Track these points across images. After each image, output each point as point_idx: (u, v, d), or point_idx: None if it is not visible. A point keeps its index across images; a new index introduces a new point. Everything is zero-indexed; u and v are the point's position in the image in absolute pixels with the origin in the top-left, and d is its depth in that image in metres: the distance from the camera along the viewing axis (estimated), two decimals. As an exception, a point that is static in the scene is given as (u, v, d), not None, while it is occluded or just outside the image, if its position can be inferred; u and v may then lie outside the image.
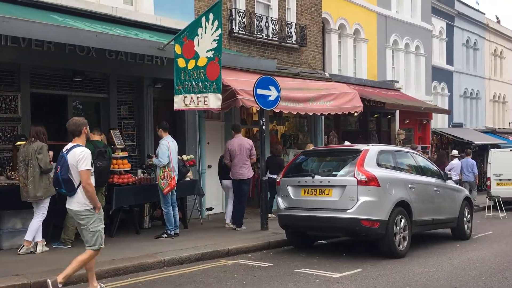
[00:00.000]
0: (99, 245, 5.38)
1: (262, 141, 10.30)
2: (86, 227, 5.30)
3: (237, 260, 7.54)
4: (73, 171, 5.17)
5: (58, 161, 5.29)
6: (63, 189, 5.24)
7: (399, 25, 20.57)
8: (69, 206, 5.33)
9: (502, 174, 16.31)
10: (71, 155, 5.17)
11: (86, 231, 5.31)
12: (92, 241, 5.32)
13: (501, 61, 32.86)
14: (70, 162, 5.16)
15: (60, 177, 5.15)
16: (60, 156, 5.29)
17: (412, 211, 8.14)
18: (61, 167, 5.15)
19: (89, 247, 5.34)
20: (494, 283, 6.10)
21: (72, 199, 5.26)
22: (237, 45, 12.86)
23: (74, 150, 5.19)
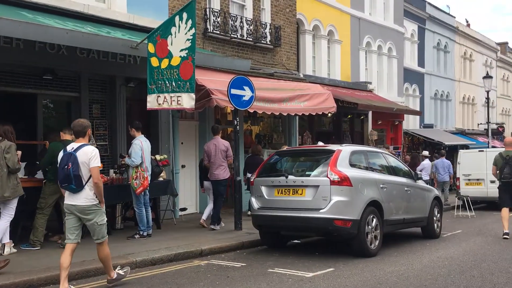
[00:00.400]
0: (105, 236, 5.76)
1: (236, 141, 10.30)
2: (94, 221, 5.60)
3: (211, 261, 7.52)
4: (82, 168, 5.45)
5: (66, 159, 5.49)
6: (73, 185, 5.45)
7: (372, 27, 20.86)
8: (74, 202, 5.52)
9: (471, 174, 16.71)
10: (82, 153, 5.47)
11: (94, 225, 5.61)
12: (101, 233, 5.68)
13: (470, 63, 33.68)
14: (81, 160, 5.45)
15: (72, 173, 5.39)
16: (67, 154, 5.53)
17: (384, 211, 8.26)
18: (72, 164, 5.40)
19: (98, 240, 5.69)
20: (462, 281, 6.24)
21: (78, 195, 5.49)
22: (212, 44, 12.83)
23: (84, 149, 5.51)
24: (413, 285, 6.01)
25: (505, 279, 6.33)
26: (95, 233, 5.68)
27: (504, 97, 40.82)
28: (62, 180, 5.52)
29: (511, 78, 42.66)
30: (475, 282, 6.15)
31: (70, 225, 5.64)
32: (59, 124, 9.50)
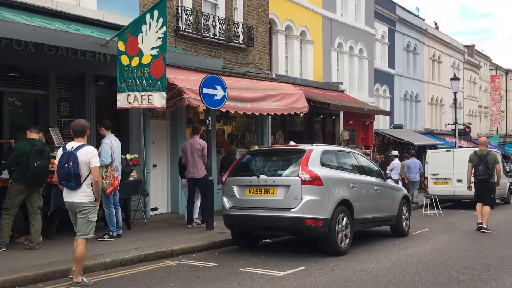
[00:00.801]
0: (92, 234, 5.94)
1: (208, 141, 10.26)
2: (86, 216, 5.82)
3: (181, 261, 7.47)
4: (82, 167, 5.72)
5: (66, 158, 5.72)
6: (73, 182, 5.71)
7: (343, 28, 21.10)
8: (72, 199, 5.82)
9: (439, 174, 17.11)
10: (83, 153, 5.73)
11: (84, 220, 5.82)
12: (87, 230, 5.85)
13: (439, 65, 34.46)
14: (82, 159, 5.71)
15: (72, 172, 5.65)
16: (67, 153, 5.76)
17: (354, 210, 8.37)
18: (73, 163, 5.66)
19: (82, 236, 5.82)
20: (429, 278, 6.37)
21: (76, 192, 5.77)
22: (184, 43, 12.74)
23: (85, 149, 5.78)
24: (382, 282, 6.11)
25: (470, 276, 6.50)
26: (82, 228, 5.83)
27: (471, 98, 41.93)
28: (62, 177, 5.74)
29: (477, 80, 43.86)
30: (441, 279, 6.29)
31: (72, 221, 6.01)
32: (26, 123, 9.25)
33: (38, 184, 7.69)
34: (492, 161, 10.65)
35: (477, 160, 10.74)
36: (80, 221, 5.83)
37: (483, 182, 10.66)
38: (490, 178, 10.64)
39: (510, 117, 54.44)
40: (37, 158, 7.49)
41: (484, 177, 10.58)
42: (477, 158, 10.76)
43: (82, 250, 5.80)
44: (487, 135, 44.11)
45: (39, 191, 7.81)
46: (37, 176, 7.49)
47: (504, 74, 53.48)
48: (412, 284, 6.04)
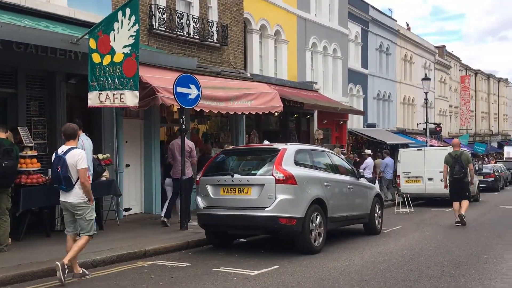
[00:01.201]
0: (93, 232, 6.31)
1: (182, 140, 10.18)
2: (83, 216, 6.16)
3: (155, 261, 7.40)
4: (71, 169, 6.01)
5: (56, 162, 6.05)
6: (63, 185, 6.04)
7: (317, 28, 21.26)
8: (66, 199, 6.13)
9: (410, 172, 17.41)
10: (70, 156, 6.02)
11: (83, 220, 6.17)
12: (88, 227, 6.21)
13: (411, 66, 35.08)
14: (70, 162, 6.00)
15: (61, 175, 5.98)
16: (58, 157, 6.08)
17: (328, 208, 8.44)
18: (62, 167, 5.97)
19: (85, 233, 6.18)
20: (400, 275, 6.48)
21: (69, 193, 6.08)
22: (157, 42, 12.62)
23: (72, 152, 6.05)
24: (354, 280, 6.18)
25: (440, 272, 6.63)
26: (83, 227, 6.21)
27: (442, 98, 42.83)
28: (53, 180, 6.18)
29: (448, 80, 44.82)
30: (412, 276, 6.40)
31: (67, 219, 6.31)
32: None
33: (6, 185, 7.51)
34: (466, 161, 11.42)
35: (451, 161, 11.47)
36: (80, 221, 6.21)
37: (458, 181, 11.40)
38: (464, 177, 11.41)
39: (479, 116, 55.85)
40: (4, 158, 7.32)
41: (459, 176, 11.35)
42: (452, 159, 11.48)
43: (82, 244, 6.19)
44: (457, 134, 45.16)
45: (8, 192, 7.62)
46: (5, 176, 7.32)
47: (474, 74, 54.81)
48: (384, 281, 6.13)
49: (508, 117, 67.16)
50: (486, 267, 6.99)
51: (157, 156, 12.46)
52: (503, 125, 64.58)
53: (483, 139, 53.51)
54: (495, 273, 6.59)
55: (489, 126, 59.09)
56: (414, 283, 6.00)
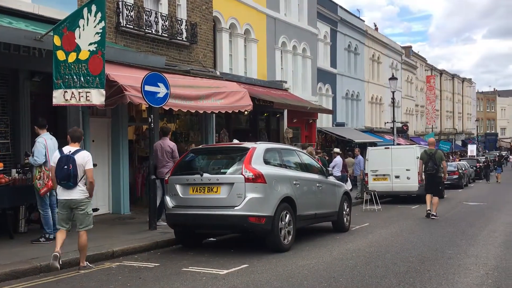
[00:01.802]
0: (91, 225, 6.88)
1: (151, 139, 10.07)
2: (85, 211, 6.74)
3: (122, 262, 7.29)
4: (79, 169, 6.60)
5: (65, 160, 6.57)
6: (71, 182, 6.57)
7: (287, 28, 21.37)
8: (70, 197, 6.64)
9: (378, 170, 17.70)
10: (80, 157, 6.64)
11: (84, 215, 6.73)
12: (88, 222, 6.79)
13: (378, 65, 35.69)
14: (79, 162, 6.61)
15: (72, 173, 6.54)
16: (65, 156, 6.61)
17: (297, 207, 8.49)
18: (73, 166, 6.56)
19: (84, 228, 6.72)
20: (367, 271, 6.58)
21: (73, 190, 6.62)
22: (125, 39, 12.43)
23: (81, 153, 6.71)
24: (323, 277, 6.24)
25: (406, 268, 6.77)
26: (83, 222, 6.73)
27: (408, 97, 43.75)
28: (62, 178, 6.59)
29: (414, 80, 45.81)
30: (379, 272, 6.52)
31: (64, 216, 6.78)
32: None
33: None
34: (439, 159, 12.44)
35: (426, 158, 12.50)
36: (80, 215, 6.71)
37: (432, 176, 12.46)
38: (437, 173, 12.41)
39: (444, 115, 57.31)
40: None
41: (432, 172, 12.39)
42: (427, 156, 12.52)
43: (84, 240, 6.68)
44: (423, 133, 46.24)
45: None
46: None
47: (439, 74, 56.22)
48: (352, 277, 6.21)
49: (472, 116, 69.19)
50: (450, 262, 7.17)
51: (125, 155, 12.29)
52: (467, 124, 66.51)
53: (448, 137, 54.95)
54: (458, 268, 6.78)
55: (453, 125, 60.75)
56: (381, 279, 6.10)
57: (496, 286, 5.79)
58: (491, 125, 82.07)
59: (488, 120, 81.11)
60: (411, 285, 5.81)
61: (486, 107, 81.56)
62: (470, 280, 6.09)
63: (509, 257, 7.53)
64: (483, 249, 8.23)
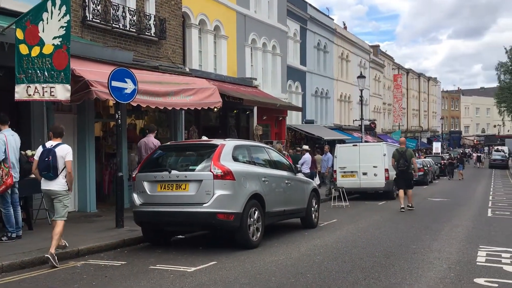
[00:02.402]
0: (65, 217, 7.16)
1: (118, 136, 9.92)
2: (62, 203, 7.09)
3: (88, 261, 7.16)
4: (59, 161, 6.99)
5: (47, 153, 6.96)
6: (51, 173, 6.96)
7: (257, 25, 21.38)
8: (49, 187, 7.05)
9: (346, 167, 17.95)
10: (60, 150, 7.04)
11: (61, 205, 7.08)
12: (64, 213, 7.11)
13: (347, 64, 36.13)
14: (59, 154, 6.99)
15: (52, 164, 6.93)
16: (47, 149, 7.02)
17: (265, 203, 8.51)
18: (53, 157, 6.95)
19: (61, 218, 7.05)
20: (334, 266, 6.67)
21: (53, 182, 7.01)
22: (91, 34, 12.18)
23: (62, 146, 7.10)
24: (290, 273, 6.29)
25: (372, 263, 6.89)
26: (59, 212, 7.08)
27: (376, 96, 44.49)
28: (43, 169, 6.99)
29: (382, 78, 46.60)
30: (345, 267, 6.61)
31: (49, 205, 7.30)
32: None
33: None
34: (409, 156, 13.70)
35: (398, 156, 13.70)
36: (58, 206, 7.06)
37: (403, 172, 13.67)
38: (408, 169, 13.67)
39: (411, 114, 58.56)
40: None
41: (404, 169, 13.62)
42: (398, 154, 13.73)
43: (61, 228, 6.98)
44: (390, 130, 47.11)
45: None
46: None
47: (405, 73, 57.36)
48: (319, 273, 6.28)
49: (437, 115, 70.93)
50: (414, 256, 7.34)
51: (91, 152, 12.05)
52: (432, 122, 68.16)
53: (414, 135, 56.21)
54: (422, 262, 6.94)
55: (419, 123, 62.15)
56: (347, 274, 6.19)
57: (458, 280, 5.96)
58: (455, 123, 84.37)
59: (452, 118, 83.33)
60: (376, 280, 5.92)
61: (451, 105, 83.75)
62: (433, 274, 6.25)
63: (470, 252, 7.76)
64: (446, 244, 8.46)
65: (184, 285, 5.74)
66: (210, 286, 5.65)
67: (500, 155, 49.01)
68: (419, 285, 5.71)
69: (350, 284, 5.71)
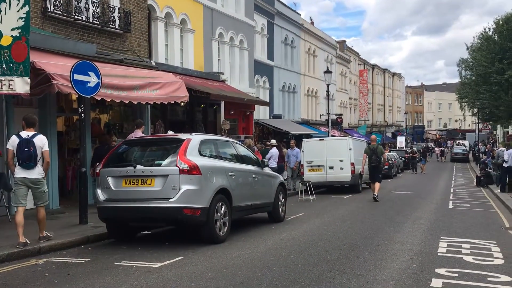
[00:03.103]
0: (47, 201, 7.78)
1: (82, 131, 9.70)
2: (42, 189, 7.51)
3: (50, 258, 6.98)
4: (38, 150, 7.29)
5: (27, 143, 7.22)
6: (32, 163, 7.28)
7: (224, 19, 21.26)
8: (29, 175, 7.34)
9: (313, 161, 18.14)
10: (38, 139, 7.34)
11: (41, 192, 7.52)
12: (45, 198, 7.62)
13: (314, 59, 36.42)
14: (37, 145, 7.30)
15: (33, 154, 7.26)
16: (25, 140, 7.25)
17: (232, 198, 8.50)
18: (33, 147, 7.24)
19: (42, 204, 7.54)
20: (300, 259, 6.72)
21: (33, 170, 7.34)
22: (53, 26, 11.84)
23: (39, 137, 7.41)
24: (257, 267, 6.30)
25: (337, 255, 6.99)
26: (41, 198, 7.52)
27: (342, 90, 45.06)
28: (25, 159, 7.25)
29: (348, 73, 47.21)
30: (311, 260, 6.68)
31: (22, 193, 7.43)
32: None
33: None
34: (380, 152, 15.00)
35: (370, 152, 14.97)
36: (37, 193, 7.47)
37: (374, 167, 14.98)
38: (379, 164, 15.03)
39: (376, 108, 59.63)
40: None
41: (375, 164, 14.91)
42: (370, 150, 15.01)
43: (43, 214, 7.53)
44: (356, 125, 47.85)
45: None
46: None
47: (371, 69, 58.32)
48: (285, 266, 6.32)
49: (401, 109, 72.48)
50: (378, 248, 7.49)
51: (53, 147, 11.70)
52: (397, 117, 69.62)
53: (379, 129, 57.30)
54: (386, 254, 7.09)
55: (384, 118, 63.38)
56: (313, 267, 6.25)
57: (420, 270, 6.11)
58: (419, 118, 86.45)
59: (416, 113, 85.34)
60: (341, 272, 6.01)
61: (414, 100, 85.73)
62: (397, 265, 6.38)
63: (432, 243, 7.98)
64: (409, 236, 8.66)
65: (149, 281, 5.67)
66: (175, 282, 5.61)
67: (461, 149, 50.55)
68: (383, 276, 5.82)
69: (315, 277, 5.77)
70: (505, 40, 33.14)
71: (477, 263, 6.51)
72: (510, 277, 5.82)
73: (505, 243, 8.07)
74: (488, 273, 5.96)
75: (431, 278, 5.72)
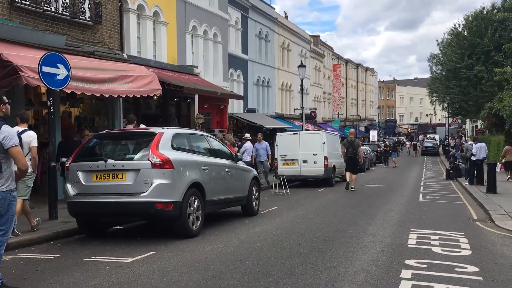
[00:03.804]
0: (28, 197, 8.03)
1: (51, 124, 9.47)
2: (26, 183, 7.71)
3: (18, 255, 6.82)
4: (25, 146, 7.30)
5: None
6: None
7: (198, 12, 21.07)
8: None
9: (287, 155, 18.22)
10: (26, 136, 7.52)
11: (25, 186, 7.75)
12: (26, 192, 7.86)
13: (288, 53, 36.49)
14: (25, 140, 7.37)
15: None
16: None
17: (206, 192, 8.46)
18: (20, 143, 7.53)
19: (21, 197, 7.58)
20: (273, 253, 6.75)
21: None
22: (20, 16, 11.51)
23: (27, 133, 7.61)
24: (230, 260, 6.30)
25: (309, 248, 7.04)
26: (21, 191, 7.58)
27: (316, 85, 45.33)
28: None
29: (322, 68, 47.51)
30: (284, 253, 6.71)
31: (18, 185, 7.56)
32: None
33: None
34: (357, 145, 16.29)
35: (348, 145, 16.26)
36: (21, 186, 7.43)
37: (351, 159, 16.24)
38: (355, 156, 16.21)
39: (349, 103, 60.24)
40: None
41: (352, 155, 16.17)
42: (348, 143, 16.27)
43: (25, 206, 7.86)
44: (330, 119, 48.26)
45: None
46: None
47: (344, 63, 58.83)
48: (258, 259, 6.33)
49: (374, 104, 73.44)
50: (350, 241, 7.58)
51: (22, 141, 11.43)
52: (370, 111, 70.53)
53: (353, 123, 57.94)
54: (357, 246, 7.18)
55: (357, 112, 64.12)
56: (285, 260, 6.29)
57: (390, 262, 6.21)
58: (391, 112, 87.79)
59: (388, 108, 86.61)
60: (313, 264, 6.06)
61: (387, 95, 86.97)
62: (368, 257, 6.48)
63: (402, 235, 8.12)
64: (380, 228, 8.80)
65: (120, 276, 5.60)
66: (147, 277, 5.55)
67: (432, 142, 51.59)
68: (354, 268, 5.90)
69: (288, 270, 5.80)
70: (474, 36, 33.87)
71: (445, 254, 6.66)
72: (477, 267, 5.97)
73: (472, 235, 8.28)
74: (455, 264, 6.11)
75: (400, 269, 5.82)
